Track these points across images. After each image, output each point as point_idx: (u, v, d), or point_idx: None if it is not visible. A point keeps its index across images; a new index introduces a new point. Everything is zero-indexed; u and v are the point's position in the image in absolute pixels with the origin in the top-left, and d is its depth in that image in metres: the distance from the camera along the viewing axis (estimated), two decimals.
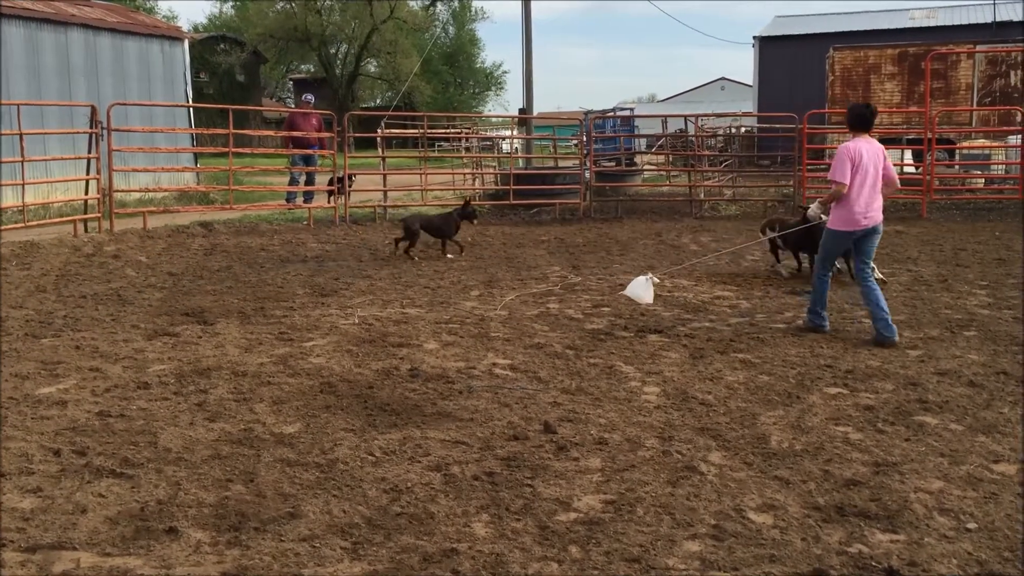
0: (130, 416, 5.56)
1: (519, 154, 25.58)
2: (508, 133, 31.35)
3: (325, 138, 17.75)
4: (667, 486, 4.51)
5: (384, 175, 17.52)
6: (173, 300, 9.27)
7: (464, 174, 21.80)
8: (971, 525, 4.04)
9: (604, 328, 8.11)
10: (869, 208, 7.42)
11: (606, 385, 6.32)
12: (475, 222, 12.88)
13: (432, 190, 18.84)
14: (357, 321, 8.30)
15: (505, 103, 71.08)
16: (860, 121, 7.56)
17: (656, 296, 9.52)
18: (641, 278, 8.37)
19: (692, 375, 6.57)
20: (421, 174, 18.08)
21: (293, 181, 17.78)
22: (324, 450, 4.99)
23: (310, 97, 19.08)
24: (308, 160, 17.71)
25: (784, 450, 5.01)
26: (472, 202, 13.02)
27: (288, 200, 17.43)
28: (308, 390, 6.14)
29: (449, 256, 12.28)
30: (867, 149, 7.42)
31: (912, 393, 6.06)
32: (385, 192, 17.37)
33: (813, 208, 8.10)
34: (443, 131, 28.59)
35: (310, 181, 17.81)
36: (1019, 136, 18.14)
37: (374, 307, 9.00)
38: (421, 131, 19.09)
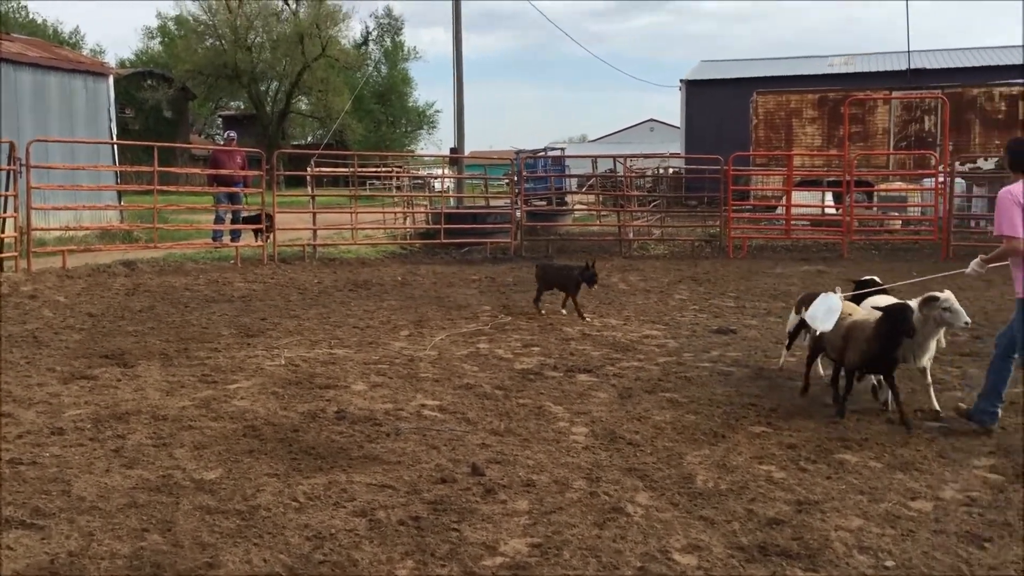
0: (43, 463, 5.36)
1: (450, 193, 25.64)
2: (440, 172, 31.44)
3: (250, 176, 17.55)
4: (594, 528, 4.50)
5: (313, 213, 17.37)
6: (92, 342, 9.01)
7: (395, 213, 21.75)
8: (889, 563, 4.12)
9: (534, 368, 8.12)
10: None
11: (535, 426, 6.32)
12: (593, 287, 10.89)
13: (363, 229, 18.75)
14: (283, 362, 8.17)
15: (438, 142, 71.39)
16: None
17: (586, 335, 9.60)
18: (832, 297, 6.88)
19: (620, 415, 6.61)
20: (351, 213, 17.97)
21: (219, 220, 17.52)
22: (246, 496, 4.87)
23: (233, 134, 18.94)
24: (233, 198, 17.49)
25: (709, 490, 5.06)
26: (592, 265, 10.68)
27: (214, 238, 17.16)
28: (231, 434, 6.00)
29: (563, 311, 10.92)
30: None
31: (834, 431, 6.18)
32: (315, 231, 17.21)
33: (974, 264, 6.27)
34: (375, 169, 28.55)
35: (236, 219, 17.56)
36: (933, 179, 18.82)
37: (301, 348, 8.87)
38: (351, 169, 19.01)
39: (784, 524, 4.54)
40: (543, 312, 10.90)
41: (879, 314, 6.33)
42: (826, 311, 6.69)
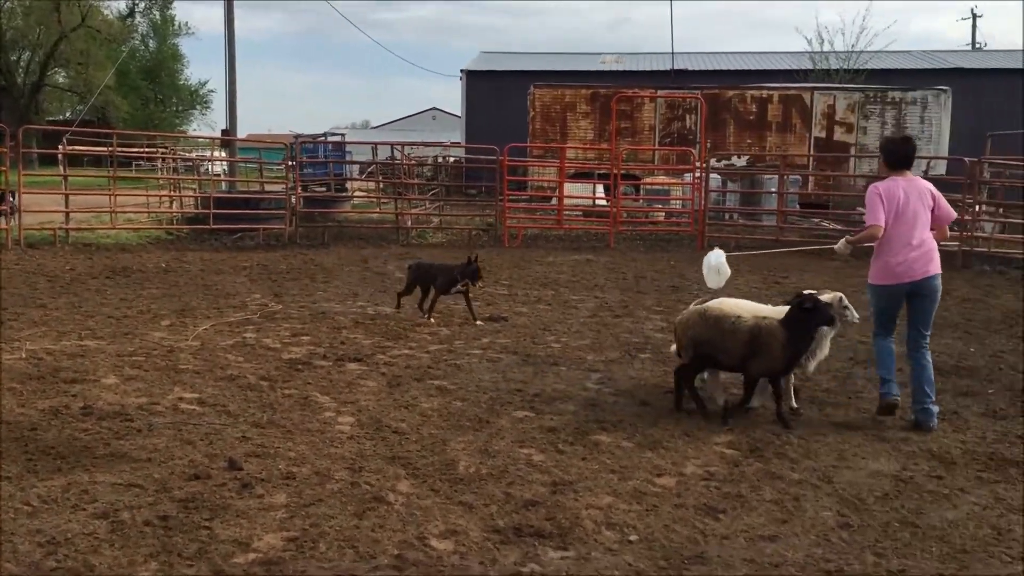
0: None
1: (222, 176, 24.56)
2: (211, 154, 30.07)
3: None
4: (353, 518, 4.46)
5: (66, 195, 16.13)
6: None
7: (160, 196, 20.59)
8: (633, 537, 4.35)
9: (302, 357, 7.94)
10: (912, 258, 6.29)
11: (299, 417, 6.18)
12: (479, 285, 9.90)
13: (124, 212, 17.63)
14: (24, 355, 7.54)
15: (212, 123, 68.12)
16: (897, 158, 6.51)
17: (359, 324, 9.48)
18: (711, 255, 6.98)
19: (388, 403, 6.58)
20: (110, 195, 16.82)
21: None
22: None
23: None
24: None
25: (471, 475, 5.13)
26: (475, 260, 9.62)
27: None
28: None
29: (431, 321, 9.73)
30: (907, 189, 6.33)
31: (591, 413, 6.44)
32: (67, 214, 15.97)
33: (841, 244, 6.76)
34: (137, 150, 26.85)
35: None
36: (692, 175, 20.06)
37: (47, 339, 8.22)
38: (110, 148, 17.80)
39: (539, 505, 4.69)
40: (432, 320, 9.72)
41: (773, 317, 6.29)
42: (716, 267, 6.84)
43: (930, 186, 6.49)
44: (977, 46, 52.02)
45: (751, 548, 4.28)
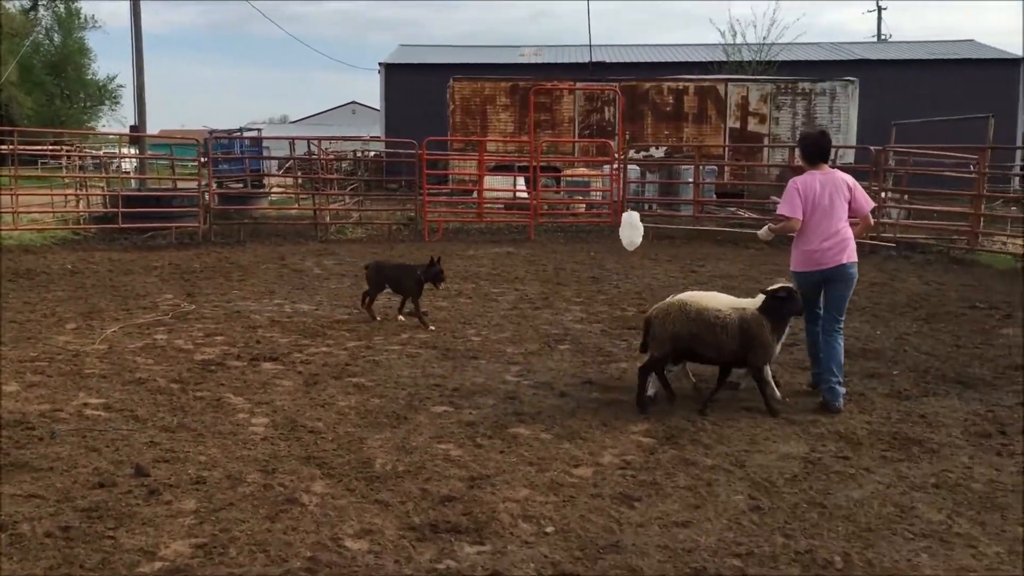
0: None
1: (132, 174, 23.85)
2: (122, 151, 29.18)
3: None
4: (265, 522, 4.37)
5: None
6: None
7: (66, 195, 19.90)
8: (549, 529, 4.35)
9: (216, 358, 7.76)
10: (827, 247, 6.55)
11: (211, 419, 6.04)
12: (440, 286, 9.71)
13: (28, 212, 16.99)
14: None
15: (122, 119, 66.02)
16: (815, 152, 6.76)
17: (275, 322, 9.32)
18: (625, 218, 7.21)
19: (304, 402, 6.48)
20: (11, 195, 16.18)
21: None
22: None
23: None
24: None
25: (387, 472, 5.08)
26: (438, 261, 9.43)
27: None
28: None
29: (401, 318, 9.59)
30: (823, 182, 6.59)
31: (510, 406, 6.44)
32: None
33: (764, 230, 7.05)
34: (40, 148, 25.84)
35: None
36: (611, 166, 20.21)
37: None
38: (11, 147, 17.12)
39: (456, 500, 4.66)
40: (378, 318, 9.55)
41: (751, 308, 6.36)
42: (629, 222, 6.91)
43: (848, 178, 6.71)
44: (883, 38, 53.66)
45: (665, 535, 4.33)
